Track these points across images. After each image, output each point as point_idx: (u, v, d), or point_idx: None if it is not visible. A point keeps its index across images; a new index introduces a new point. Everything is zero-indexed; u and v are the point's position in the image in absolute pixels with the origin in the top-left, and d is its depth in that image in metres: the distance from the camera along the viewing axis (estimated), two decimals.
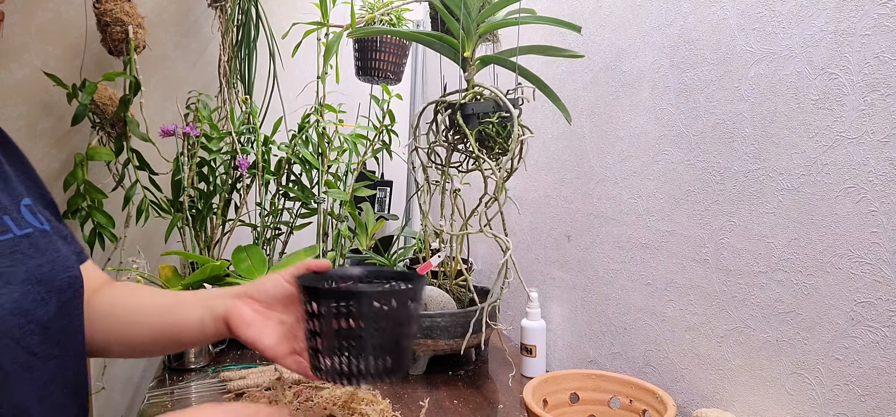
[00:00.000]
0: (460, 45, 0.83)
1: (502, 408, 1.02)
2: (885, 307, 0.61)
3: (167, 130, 1.40)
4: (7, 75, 1.65)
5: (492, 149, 0.79)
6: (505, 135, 0.77)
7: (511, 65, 0.86)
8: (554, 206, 1.25)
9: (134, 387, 1.81)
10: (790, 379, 0.72)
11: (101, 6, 1.52)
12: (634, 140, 0.99)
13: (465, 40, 0.83)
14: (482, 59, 0.86)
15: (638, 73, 0.97)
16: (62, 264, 0.60)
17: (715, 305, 0.83)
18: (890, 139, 0.60)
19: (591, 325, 1.13)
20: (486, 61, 0.87)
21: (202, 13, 1.81)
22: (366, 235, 1.55)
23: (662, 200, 0.93)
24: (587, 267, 1.14)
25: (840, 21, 0.65)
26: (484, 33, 0.85)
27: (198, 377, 1.18)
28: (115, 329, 0.72)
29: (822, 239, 0.67)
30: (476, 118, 0.77)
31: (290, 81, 1.80)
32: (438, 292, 1.24)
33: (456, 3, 0.80)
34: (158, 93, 1.78)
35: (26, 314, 0.55)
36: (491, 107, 0.78)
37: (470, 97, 0.80)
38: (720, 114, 0.81)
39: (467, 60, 0.84)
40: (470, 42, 0.83)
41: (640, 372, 0.99)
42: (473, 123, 0.78)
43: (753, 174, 0.76)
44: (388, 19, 1.54)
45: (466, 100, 0.80)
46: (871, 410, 0.63)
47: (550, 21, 0.87)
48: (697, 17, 0.85)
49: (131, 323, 0.72)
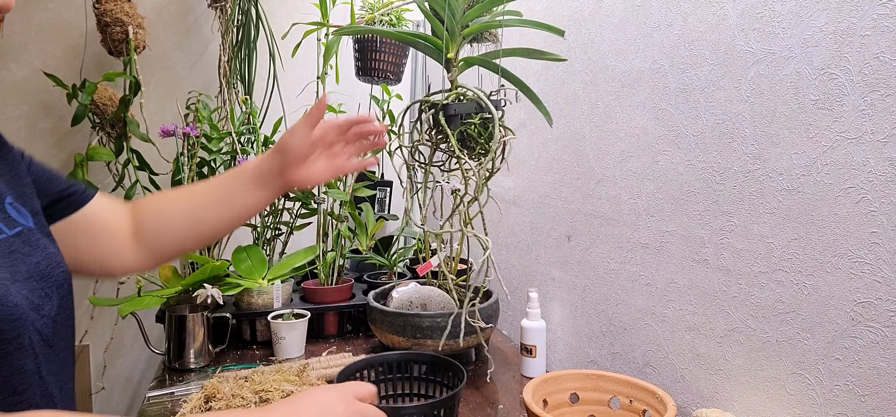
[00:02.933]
0: (444, 46, 0.83)
1: (502, 408, 1.02)
2: (885, 307, 0.61)
3: (167, 130, 1.40)
4: (7, 75, 1.65)
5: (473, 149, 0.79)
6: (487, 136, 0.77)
7: (494, 67, 0.86)
8: (554, 206, 1.25)
9: (134, 387, 1.81)
10: (790, 379, 0.72)
11: (101, 6, 1.52)
12: (634, 140, 0.99)
13: (449, 41, 0.83)
14: (466, 60, 0.87)
15: (638, 73, 0.97)
16: (55, 260, 0.62)
17: (715, 305, 0.83)
18: (890, 139, 0.60)
19: (591, 325, 1.13)
20: (470, 63, 0.87)
21: (202, 13, 1.81)
22: (366, 235, 1.55)
23: (662, 200, 0.93)
24: (587, 267, 1.14)
25: (840, 21, 0.65)
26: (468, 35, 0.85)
27: (198, 377, 1.18)
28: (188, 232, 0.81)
29: (822, 239, 0.67)
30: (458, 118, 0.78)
31: (290, 81, 1.80)
32: (438, 292, 1.24)
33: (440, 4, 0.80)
34: (158, 94, 1.78)
35: (38, 309, 0.57)
36: (473, 108, 0.78)
37: (453, 97, 0.80)
38: (720, 115, 0.81)
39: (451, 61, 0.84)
40: (454, 43, 0.83)
41: (640, 372, 0.99)
42: (455, 123, 0.78)
43: (753, 174, 0.76)
44: (388, 19, 1.54)
45: (449, 100, 0.80)
46: (872, 410, 0.63)
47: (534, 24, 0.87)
48: (697, 18, 0.85)
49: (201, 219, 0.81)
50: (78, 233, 0.73)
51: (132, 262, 0.79)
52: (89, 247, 0.75)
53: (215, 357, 1.29)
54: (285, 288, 1.44)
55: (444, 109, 0.80)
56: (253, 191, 0.82)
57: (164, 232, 0.80)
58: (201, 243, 0.83)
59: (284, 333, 1.26)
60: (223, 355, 1.31)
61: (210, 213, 0.81)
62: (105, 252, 0.76)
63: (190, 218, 0.80)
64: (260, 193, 0.82)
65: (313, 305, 1.41)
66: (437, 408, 0.75)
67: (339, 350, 1.28)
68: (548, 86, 1.25)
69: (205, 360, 1.25)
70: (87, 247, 0.75)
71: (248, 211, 0.83)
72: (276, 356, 1.27)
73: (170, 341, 1.24)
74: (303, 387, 0.96)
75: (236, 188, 0.82)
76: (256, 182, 0.82)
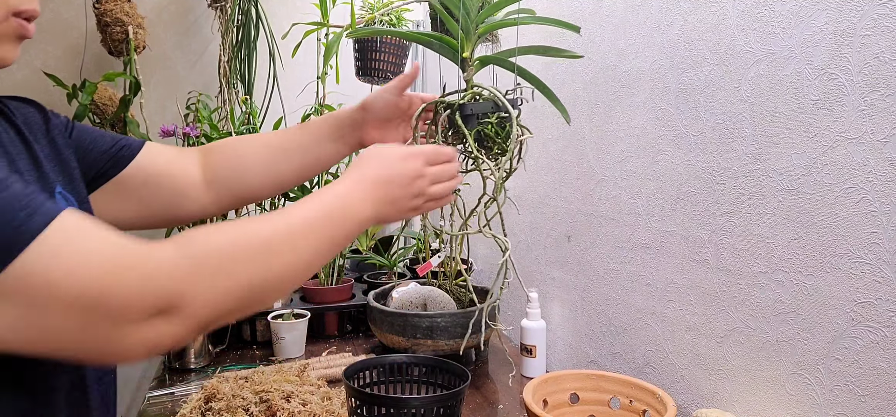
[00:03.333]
0: (459, 45, 0.83)
1: (502, 408, 1.02)
2: (885, 307, 0.61)
3: (167, 130, 1.40)
4: (7, 75, 1.65)
5: (491, 149, 0.79)
6: (504, 135, 0.77)
7: (510, 65, 0.86)
8: (554, 206, 1.25)
9: (134, 387, 1.81)
10: (790, 380, 0.72)
11: (101, 6, 1.52)
12: (634, 140, 0.99)
13: (464, 41, 0.83)
14: (481, 59, 0.86)
15: (638, 74, 0.97)
16: None
17: (715, 305, 0.83)
18: (890, 139, 0.60)
19: (591, 325, 1.13)
20: (485, 62, 0.87)
21: (202, 13, 1.81)
22: (366, 235, 1.55)
23: (662, 200, 0.93)
24: (587, 267, 1.14)
25: (840, 21, 0.65)
26: (483, 34, 0.85)
27: (198, 377, 1.18)
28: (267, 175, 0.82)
29: (822, 239, 0.67)
30: (475, 118, 0.77)
31: (290, 81, 1.80)
32: (439, 292, 1.24)
33: (455, 3, 0.80)
34: (158, 93, 1.78)
35: None
36: (490, 108, 0.78)
37: (469, 97, 0.80)
38: (720, 115, 0.81)
39: (466, 61, 0.84)
40: (469, 42, 0.83)
41: (640, 372, 0.99)
42: (472, 124, 0.78)
43: (753, 174, 0.76)
44: (388, 19, 1.54)
45: (465, 100, 0.80)
46: (872, 410, 0.63)
47: (550, 22, 0.87)
48: (697, 18, 0.85)
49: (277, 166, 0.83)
50: (137, 186, 0.74)
51: (202, 206, 0.80)
52: (152, 197, 0.76)
53: (215, 357, 1.29)
54: None
55: (460, 109, 0.79)
56: (329, 143, 0.84)
57: (238, 177, 0.81)
58: (275, 190, 0.85)
59: (284, 333, 1.26)
60: (223, 355, 1.31)
61: (287, 160, 0.82)
62: (172, 197, 0.77)
63: (265, 164, 0.81)
64: (336, 145, 0.84)
65: (313, 305, 1.41)
66: (441, 402, 0.75)
67: (339, 350, 1.28)
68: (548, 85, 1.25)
69: (205, 360, 1.25)
70: (150, 197, 0.75)
71: (322, 163, 0.84)
72: (276, 356, 1.27)
73: None
74: (303, 387, 0.96)
75: (315, 137, 0.84)
76: (333, 133, 0.84)
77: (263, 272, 0.52)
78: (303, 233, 0.56)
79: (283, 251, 0.54)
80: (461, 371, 0.83)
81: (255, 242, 0.52)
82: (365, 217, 0.63)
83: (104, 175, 0.71)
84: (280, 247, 0.54)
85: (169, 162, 0.78)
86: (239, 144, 0.83)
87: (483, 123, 0.78)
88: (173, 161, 0.78)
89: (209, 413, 0.91)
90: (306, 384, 0.99)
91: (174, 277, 0.47)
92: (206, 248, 0.49)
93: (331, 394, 0.97)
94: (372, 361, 0.87)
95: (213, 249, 0.50)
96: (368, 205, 0.63)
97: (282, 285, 0.55)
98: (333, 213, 0.60)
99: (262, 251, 0.52)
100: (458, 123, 0.78)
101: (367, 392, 0.78)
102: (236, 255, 0.51)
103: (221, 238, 0.51)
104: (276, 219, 0.56)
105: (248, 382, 0.98)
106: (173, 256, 0.47)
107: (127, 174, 0.73)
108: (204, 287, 0.48)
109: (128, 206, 0.73)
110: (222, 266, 0.50)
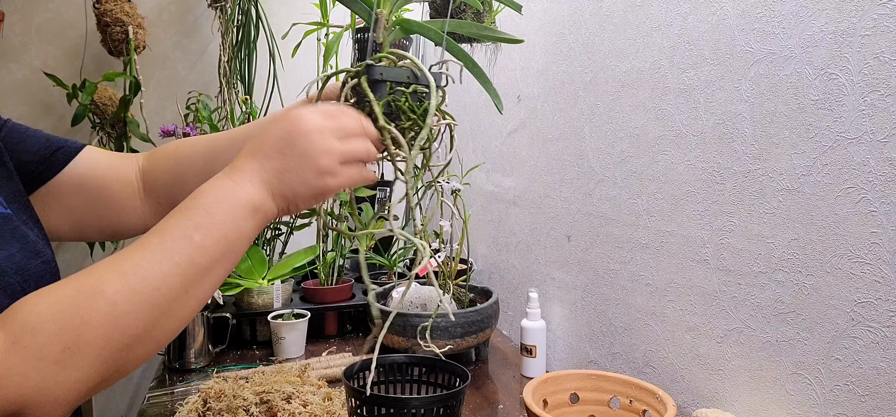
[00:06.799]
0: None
1: (502, 408, 1.02)
2: (885, 307, 0.61)
3: (167, 130, 1.40)
4: (7, 75, 1.65)
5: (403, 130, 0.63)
6: (420, 112, 0.63)
7: (438, 37, 0.69)
8: (554, 206, 1.25)
9: (134, 387, 1.81)
10: (790, 380, 0.72)
11: (101, 6, 1.52)
12: (634, 140, 0.99)
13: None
14: (400, 21, 0.69)
15: (638, 74, 0.97)
16: (33, 249, 0.57)
17: (715, 305, 0.83)
18: (890, 139, 0.60)
19: (591, 325, 1.13)
20: (407, 27, 0.71)
21: (202, 13, 1.81)
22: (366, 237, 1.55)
23: (662, 200, 0.93)
24: (587, 267, 1.14)
25: (840, 21, 0.65)
26: None
27: (198, 377, 1.18)
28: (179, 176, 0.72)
29: (822, 239, 0.67)
30: (385, 85, 0.62)
31: (290, 81, 1.80)
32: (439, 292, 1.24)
33: None
34: (158, 94, 1.78)
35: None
36: (405, 76, 0.63)
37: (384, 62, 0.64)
38: (720, 115, 0.81)
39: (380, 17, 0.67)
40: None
41: (640, 373, 0.99)
42: (382, 91, 0.62)
43: (753, 174, 0.76)
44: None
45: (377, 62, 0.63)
46: (872, 410, 0.63)
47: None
48: (697, 18, 0.85)
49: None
50: (69, 193, 0.67)
51: (141, 217, 0.72)
52: (86, 207, 0.69)
53: (215, 357, 1.29)
54: (285, 288, 1.44)
55: (368, 71, 0.62)
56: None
57: (178, 184, 0.72)
58: None
59: (284, 333, 1.26)
60: (223, 355, 1.31)
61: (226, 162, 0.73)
62: (106, 210, 0.70)
63: (203, 168, 0.71)
64: None
65: (313, 305, 1.41)
66: (441, 402, 0.75)
67: (339, 350, 1.28)
68: (548, 86, 1.25)
69: (205, 360, 1.25)
70: (83, 207, 0.68)
71: None
72: (276, 356, 1.27)
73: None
74: (303, 388, 0.96)
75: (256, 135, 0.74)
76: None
77: (122, 326, 0.42)
78: (159, 262, 0.46)
79: (142, 289, 0.44)
80: (461, 371, 0.83)
81: (100, 291, 0.43)
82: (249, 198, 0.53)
83: (36, 178, 0.65)
84: (135, 285, 0.44)
85: (108, 168, 0.70)
86: (181, 147, 0.74)
87: (395, 93, 0.63)
88: (112, 168, 0.71)
89: (209, 413, 0.91)
90: (307, 384, 0.99)
91: (9, 379, 0.38)
92: (37, 326, 0.40)
93: (332, 395, 0.97)
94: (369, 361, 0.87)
95: (46, 324, 0.40)
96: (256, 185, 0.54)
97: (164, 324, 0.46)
98: (198, 218, 0.50)
99: (111, 301, 0.42)
100: (363, 89, 0.62)
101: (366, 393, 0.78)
102: (81, 321, 0.41)
103: (53, 306, 0.41)
104: (129, 251, 0.46)
105: (249, 382, 0.98)
106: (2, 352, 0.39)
107: (60, 180, 0.66)
108: (50, 376, 0.39)
109: (61, 215, 0.67)
110: (68, 342, 0.40)
